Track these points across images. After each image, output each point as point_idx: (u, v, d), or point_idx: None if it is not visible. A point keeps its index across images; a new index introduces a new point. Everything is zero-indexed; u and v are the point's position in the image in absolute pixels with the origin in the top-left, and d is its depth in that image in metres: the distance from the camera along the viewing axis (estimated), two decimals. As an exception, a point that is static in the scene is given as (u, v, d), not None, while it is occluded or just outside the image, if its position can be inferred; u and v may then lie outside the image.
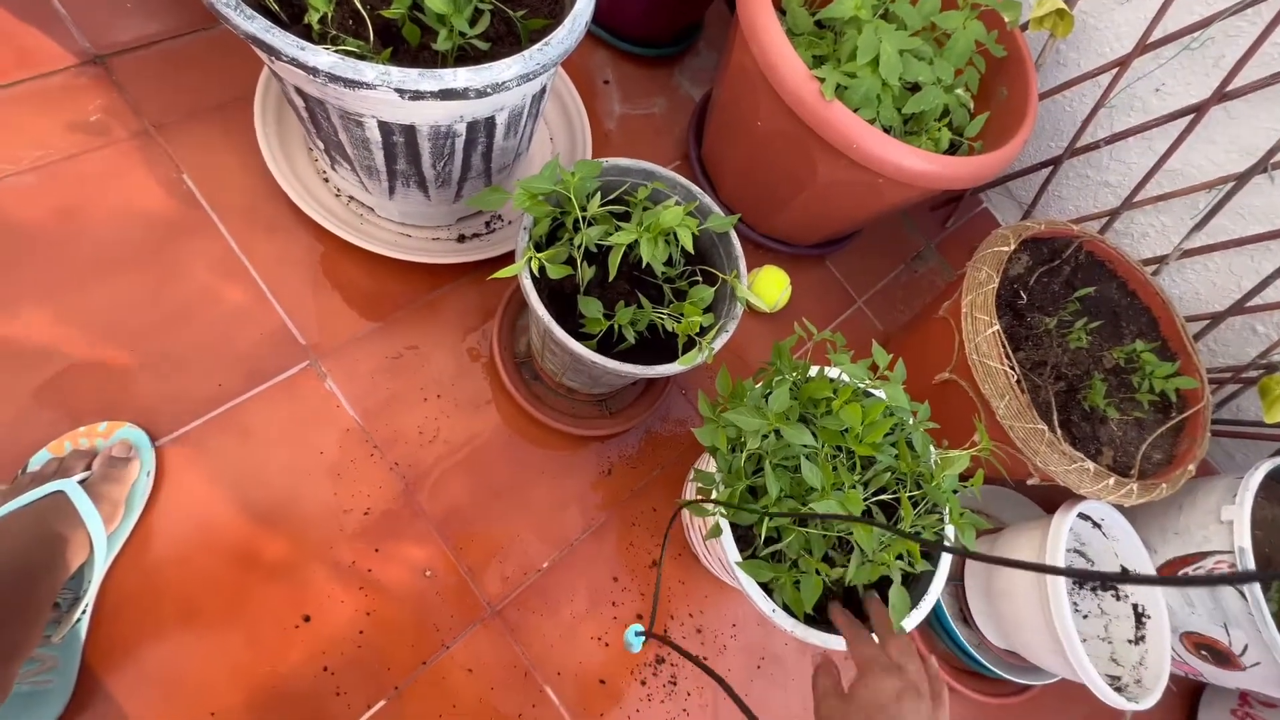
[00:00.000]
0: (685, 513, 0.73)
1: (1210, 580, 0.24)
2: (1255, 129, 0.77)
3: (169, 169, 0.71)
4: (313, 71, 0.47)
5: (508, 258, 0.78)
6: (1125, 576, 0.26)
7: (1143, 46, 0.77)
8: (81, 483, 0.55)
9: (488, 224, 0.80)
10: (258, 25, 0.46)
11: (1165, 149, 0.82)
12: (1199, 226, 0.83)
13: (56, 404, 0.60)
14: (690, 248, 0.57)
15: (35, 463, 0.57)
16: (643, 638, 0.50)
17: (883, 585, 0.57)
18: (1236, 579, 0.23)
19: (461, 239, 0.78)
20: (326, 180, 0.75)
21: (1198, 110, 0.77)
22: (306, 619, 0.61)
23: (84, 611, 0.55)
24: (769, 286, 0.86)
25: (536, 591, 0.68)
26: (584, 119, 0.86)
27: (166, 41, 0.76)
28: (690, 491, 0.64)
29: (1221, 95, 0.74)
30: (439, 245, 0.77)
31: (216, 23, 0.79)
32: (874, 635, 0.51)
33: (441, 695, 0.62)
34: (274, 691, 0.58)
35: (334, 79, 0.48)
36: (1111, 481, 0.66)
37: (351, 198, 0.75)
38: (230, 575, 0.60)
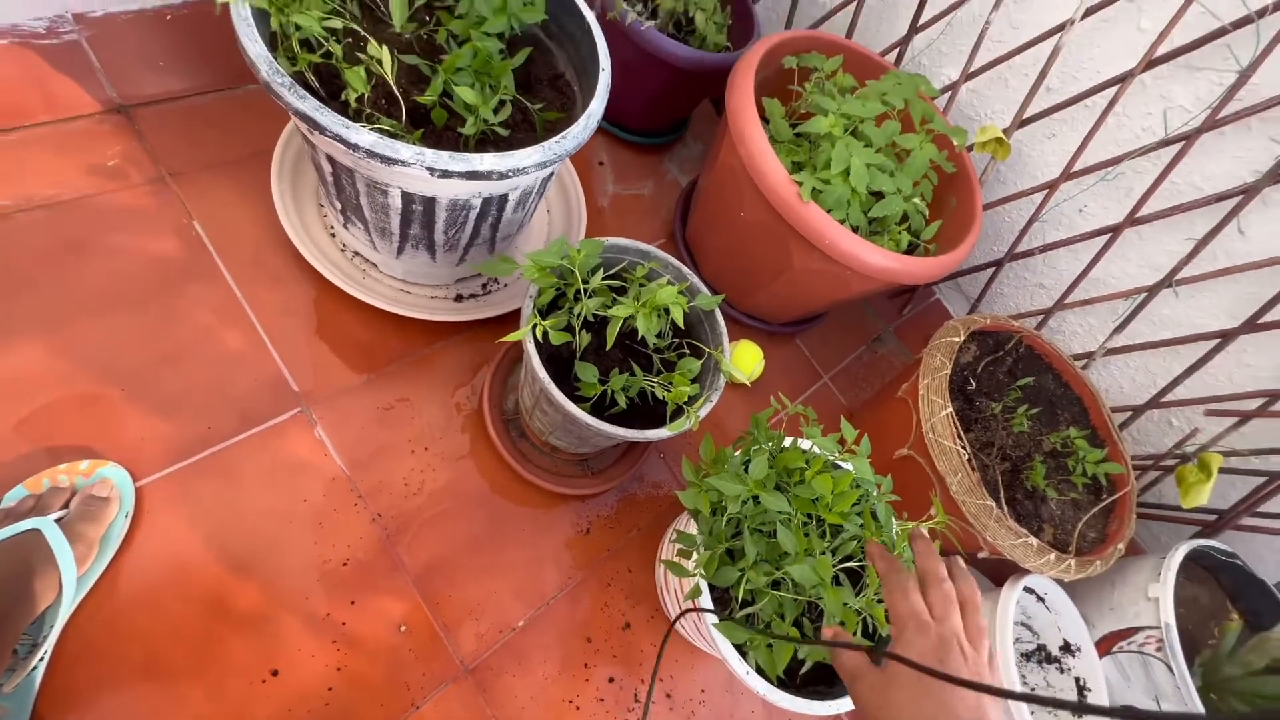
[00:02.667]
0: (660, 574, 0.75)
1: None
2: (1161, 250, 0.89)
3: (180, 215, 0.74)
4: (353, 147, 0.52)
5: (502, 319, 0.82)
6: (1084, 706, 0.28)
7: (1066, 174, 0.90)
8: (58, 521, 0.54)
9: (484, 286, 0.85)
10: (309, 105, 0.51)
11: (1088, 261, 0.94)
12: (1119, 329, 0.94)
13: (38, 439, 0.60)
14: (680, 323, 0.63)
15: (10, 499, 0.56)
16: None
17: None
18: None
19: (459, 298, 0.82)
20: (333, 235, 0.79)
21: (1114, 231, 0.89)
22: (275, 673, 0.59)
23: (41, 659, 0.53)
24: (745, 359, 0.92)
25: (510, 650, 0.68)
26: (580, 195, 0.93)
27: (191, 97, 0.80)
28: (670, 552, 0.67)
29: (1132, 220, 0.87)
30: (437, 303, 0.80)
31: (240, 83, 0.84)
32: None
33: (407, 758, 0.61)
34: (234, 750, 0.56)
35: (372, 155, 0.52)
36: (1052, 557, 0.72)
37: (357, 253, 0.79)
38: (199, 624, 0.59)
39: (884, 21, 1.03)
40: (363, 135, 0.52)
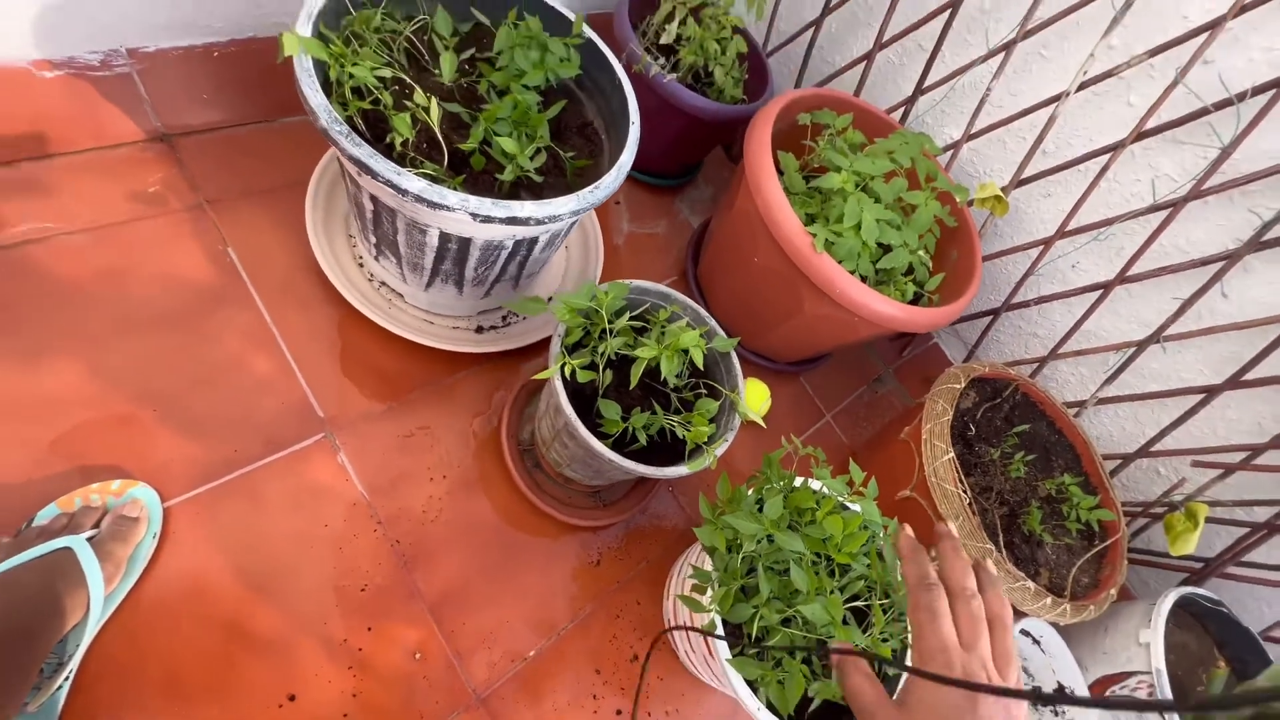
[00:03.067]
0: (669, 608, 0.77)
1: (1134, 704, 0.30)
2: (1150, 307, 0.94)
3: (215, 241, 0.76)
4: (402, 192, 0.55)
5: (522, 351, 0.85)
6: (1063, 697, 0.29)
7: (1061, 233, 0.95)
8: (89, 540, 0.56)
9: (504, 318, 0.87)
10: (364, 152, 0.54)
11: (1081, 314, 0.98)
12: (1109, 380, 0.98)
13: (72, 457, 0.61)
14: (700, 364, 0.66)
15: (43, 517, 0.57)
16: None
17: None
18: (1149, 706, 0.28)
19: (480, 330, 0.85)
20: (361, 265, 0.81)
21: (1105, 287, 0.94)
22: (291, 698, 0.60)
23: (66, 679, 0.53)
24: (753, 397, 0.95)
25: (522, 680, 0.69)
26: (598, 233, 0.97)
27: (232, 128, 0.83)
28: (683, 587, 0.69)
29: (1123, 279, 0.91)
30: (458, 334, 0.83)
31: (277, 116, 0.87)
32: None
33: (417, 788, 0.61)
34: (249, 776, 0.56)
35: (420, 200, 0.55)
36: (1049, 601, 0.74)
37: (384, 283, 0.81)
38: (220, 646, 0.59)
39: (890, 81, 1.09)
40: (412, 182, 0.55)
